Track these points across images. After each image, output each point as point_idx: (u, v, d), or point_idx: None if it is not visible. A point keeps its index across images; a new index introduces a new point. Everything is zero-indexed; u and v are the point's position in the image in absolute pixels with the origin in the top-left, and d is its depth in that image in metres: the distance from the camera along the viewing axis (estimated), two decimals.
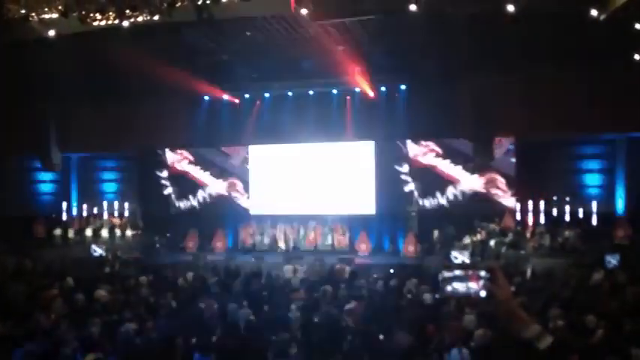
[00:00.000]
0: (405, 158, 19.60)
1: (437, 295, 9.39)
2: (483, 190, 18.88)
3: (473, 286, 2.50)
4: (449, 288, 2.52)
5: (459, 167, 19.16)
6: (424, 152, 19.55)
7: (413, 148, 19.60)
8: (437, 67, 17.21)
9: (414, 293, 10.91)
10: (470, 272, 2.52)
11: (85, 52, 16.73)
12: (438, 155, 19.42)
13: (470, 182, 19.04)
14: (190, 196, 21.32)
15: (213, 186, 21.25)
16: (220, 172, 21.27)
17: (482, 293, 2.47)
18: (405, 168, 19.55)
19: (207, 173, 21.35)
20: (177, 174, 21.55)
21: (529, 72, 16.76)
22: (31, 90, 18.62)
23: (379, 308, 9.56)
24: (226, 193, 21.11)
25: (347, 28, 16.18)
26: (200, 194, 21.32)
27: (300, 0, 14.00)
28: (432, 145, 19.45)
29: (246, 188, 20.90)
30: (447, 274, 2.54)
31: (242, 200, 20.92)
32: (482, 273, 2.50)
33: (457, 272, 2.54)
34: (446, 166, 19.28)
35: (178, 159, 21.66)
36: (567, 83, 16.52)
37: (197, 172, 21.44)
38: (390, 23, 15.41)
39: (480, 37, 15.26)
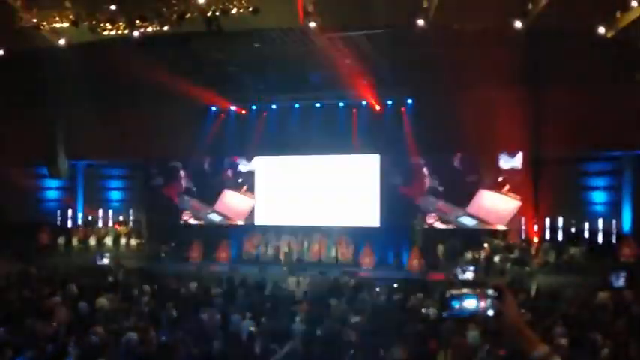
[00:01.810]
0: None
1: (444, 314, 9.34)
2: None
3: (480, 304, 2.48)
4: (456, 306, 2.51)
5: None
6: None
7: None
8: (443, 81, 17.26)
9: (418, 308, 10.85)
10: (477, 290, 2.51)
11: (94, 62, 16.89)
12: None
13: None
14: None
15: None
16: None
17: (490, 312, 2.45)
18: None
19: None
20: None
21: (536, 88, 16.79)
22: (39, 98, 18.78)
23: (382, 322, 9.51)
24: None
25: (354, 42, 16.27)
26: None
27: (308, 13, 14.11)
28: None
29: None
30: (453, 291, 2.53)
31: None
32: (490, 291, 2.48)
33: (464, 290, 2.52)
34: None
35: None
36: (575, 100, 16.50)
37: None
38: (397, 37, 15.49)
39: (488, 52, 15.31)
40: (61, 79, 17.73)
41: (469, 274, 15.60)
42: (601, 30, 13.79)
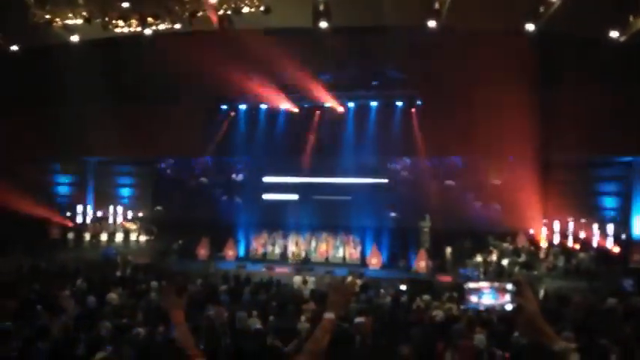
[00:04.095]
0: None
1: (462, 307, 9.29)
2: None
3: (498, 298, 2.48)
4: (474, 299, 2.51)
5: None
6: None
7: None
8: (453, 82, 17.21)
9: (425, 310, 10.82)
10: (496, 285, 2.51)
11: (105, 58, 17.01)
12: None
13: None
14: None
15: None
16: None
17: (508, 306, 2.46)
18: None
19: None
20: None
21: (547, 91, 16.69)
22: (51, 94, 18.93)
23: (388, 323, 9.50)
24: None
25: (364, 43, 16.29)
26: None
27: (320, 13, 14.14)
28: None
29: None
30: (471, 285, 2.53)
31: None
32: (509, 286, 2.48)
33: (483, 284, 2.53)
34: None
35: None
36: (586, 104, 16.38)
37: None
38: (409, 38, 15.47)
39: (499, 55, 15.27)
40: (72, 76, 17.84)
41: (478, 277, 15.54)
42: (614, 33, 13.72)
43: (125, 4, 14.46)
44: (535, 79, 16.38)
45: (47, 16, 15.03)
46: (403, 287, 13.86)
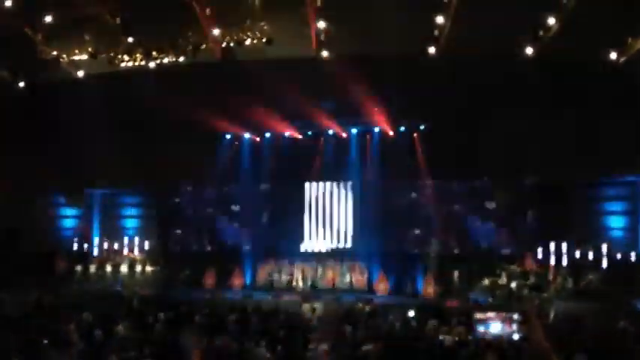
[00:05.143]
0: None
1: (470, 337, 9.22)
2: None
3: (505, 328, 2.51)
4: (481, 329, 2.53)
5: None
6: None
7: None
8: (457, 107, 17.34)
9: (433, 335, 10.71)
10: (503, 314, 2.53)
11: (110, 92, 17.25)
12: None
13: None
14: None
15: None
16: None
17: (515, 336, 2.47)
18: None
19: None
20: None
21: (550, 112, 16.79)
22: (58, 127, 19.15)
23: (397, 350, 9.40)
24: None
25: (367, 69, 16.46)
26: None
27: (321, 42, 14.36)
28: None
29: None
30: (479, 315, 2.55)
31: None
32: (515, 316, 2.50)
33: (490, 314, 2.55)
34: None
35: None
36: (589, 125, 16.47)
37: None
38: (409, 64, 15.65)
39: (500, 79, 15.42)
40: (77, 109, 18.09)
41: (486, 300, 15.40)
42: (612, 55, 13.87)
43: (130, 39, 14.76)
44: (537, 100, 16.47)
45: (54, 53, 15.33)
46: (411, 313, 13.73)
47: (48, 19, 13.81)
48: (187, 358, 8.35)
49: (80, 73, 16.22)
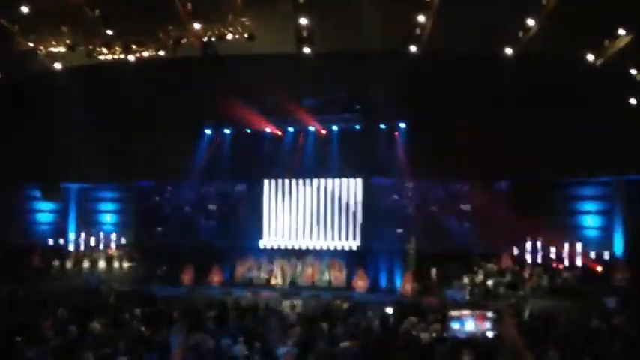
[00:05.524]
0: None
1: (444, 334, 9.29)
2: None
3: (479, 326, 2.53)
4: (456, 326, 2.55)
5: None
6: None
7: None
8: (435, 107, 17.46)
9: (411, 332, 10.78)
10: (477, 312, 2.56)
11: (87, 85, 17.00)
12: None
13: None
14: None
15: None
16: None
17: (489, 333, 2.50)
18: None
19: None
20: None
21: (527, 113, 17.00)
22: (33, 121, 18.83)
23: (375, 347, 9.44)
24: None
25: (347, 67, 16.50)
26: None
27: (303, 39, 14.33)
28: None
29: None
30: (453, 313, 2.57)
31: None
32: (489, 313, 2.53)
33: (464, 312, 2.57)
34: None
35: None
36: (565, 126, 16.71)
37: None
38: (391, 62, 15.71)
39: (479, 79, 15.57)
40: (54, 102, 17.79)
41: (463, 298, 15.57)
42: (590, 57, 14.11)
43: (109, 32, 14.54)
44: (514, 101, 16.66)
45: (31, 45, 15.04)
46: (389, 310, 13.80)
47: (25, 10, 13.52)
48: (170, 356, 8.30)
49: (58, 66, 15.93)
